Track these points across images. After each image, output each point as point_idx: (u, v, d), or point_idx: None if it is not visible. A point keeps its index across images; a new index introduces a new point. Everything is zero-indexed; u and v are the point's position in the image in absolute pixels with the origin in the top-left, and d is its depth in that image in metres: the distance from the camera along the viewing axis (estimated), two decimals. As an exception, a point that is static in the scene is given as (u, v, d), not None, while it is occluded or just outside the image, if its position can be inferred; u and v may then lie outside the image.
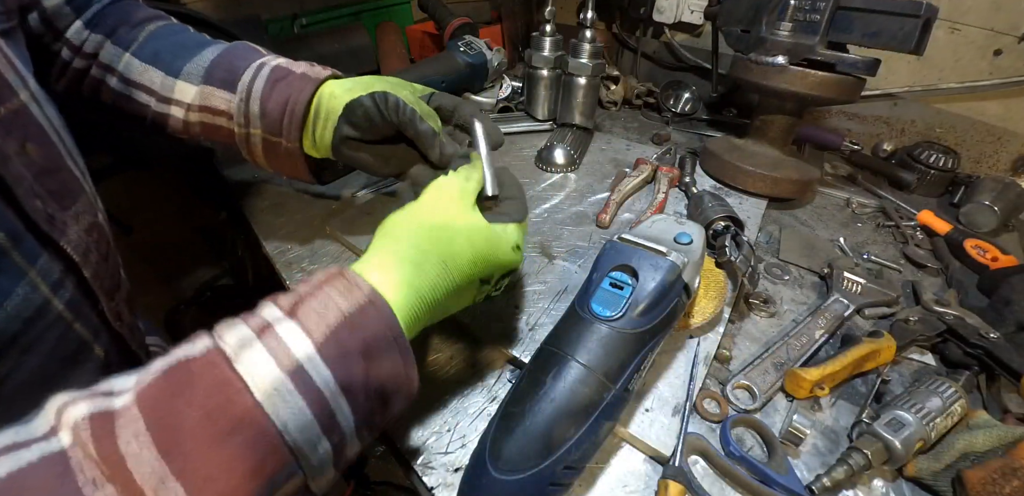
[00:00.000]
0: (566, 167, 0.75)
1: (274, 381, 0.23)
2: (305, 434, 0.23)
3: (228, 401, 0.22)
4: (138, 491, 0.19)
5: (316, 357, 0.24)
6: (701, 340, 0.47)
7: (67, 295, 0.30)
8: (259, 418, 0.22)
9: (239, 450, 0.21)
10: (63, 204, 0.31)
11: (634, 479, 0.38)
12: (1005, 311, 0.52)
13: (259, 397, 0.22)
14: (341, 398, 0.25)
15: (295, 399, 0.23)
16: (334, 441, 0.25)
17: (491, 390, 0.44)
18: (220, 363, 0.23)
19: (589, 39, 0.75)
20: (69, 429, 0.20)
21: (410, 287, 0.30)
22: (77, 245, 0.31)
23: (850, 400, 0.45)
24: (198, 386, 0.22)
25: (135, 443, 0.20)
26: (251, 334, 0.24)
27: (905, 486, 0.39)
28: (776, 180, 0.69)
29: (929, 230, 0.70)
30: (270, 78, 0.43)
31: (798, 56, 0.64)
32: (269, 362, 0.23)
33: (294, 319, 0.25)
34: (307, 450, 0.24)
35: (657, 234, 0.42)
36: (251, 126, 0.44)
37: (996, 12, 0.72)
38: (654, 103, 1.02)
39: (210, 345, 0.24)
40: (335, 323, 0.25)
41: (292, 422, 0.23)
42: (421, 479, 0.37)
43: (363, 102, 0.42)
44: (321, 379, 0.24)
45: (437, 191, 0.35)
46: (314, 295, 0.27)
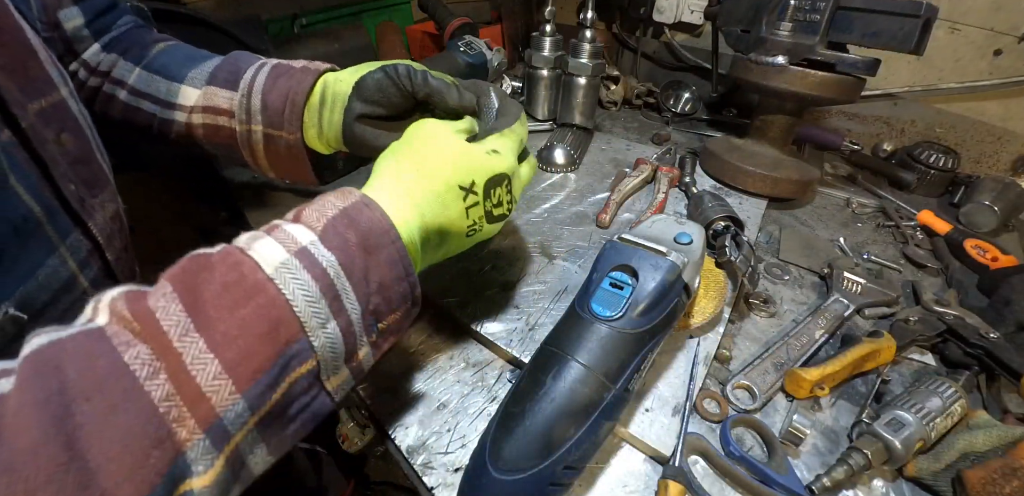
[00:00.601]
0: (566, 167, 0.75)
1: (282, 260, 0.25)
2: (312, 308, 0.25)
3: (242, 275, 0.24)
4: (166, 342, 0.22)
5: (318, 242, 0.27)
6: (701, 340, 0.47)
7: (91, 274, 0.33)
8: (270, 288, 0.24)
9: (253, 313, 0.24)
10: (92, 192, 0.34)
11: (634, 479, 0.38)
12: (1005, 311, 0.52)
13: (269, 271, 0.25)
14: (344, 281, 0.27)
15: (302, 274, 0.25)
16: (342, 325, 0.27)
17: (491, 390, 0.44)
18: (234, 251, 0.26)
19: (589, 39, 0.75)
20: (105, 308, 0.23)
21: (391, 192, 0.32)
22: (103, 229, 0.33)
23: (850, 400, 0.45)
24: (216, 268, 0.25)
25: (163, 300, 0.23)
26: (260, 233, 0.27)
27: (905, 486, 0.39)
28: (776, 180, 0.69)
29: (929, 230, 0.70)
30: (271, 74, 0.44)
31: (798, 56, 0.64)
32: (277, 247, 0.26)
33: (298, 222, 0.28)
34: (315, 327, 0.25)
35: (657, 234, 0.42)
36: (252, 122, 0.45)
37: (996, 12, 0.72)
38: (654, 103, 1.02)
39: (223, 245, 0.27)
40: (332, 216, 0.28)
41: (300, 294, 0.25)
42: (421, 479, 0.37)
43: (374, 75, 0.43)
44: (324, 259, 0.26)
45: (418, 125, 0.36)
46: (313, 203, 0.29)
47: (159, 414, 0.20)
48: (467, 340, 0.49)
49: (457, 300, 0.50)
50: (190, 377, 0.21)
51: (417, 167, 0.33)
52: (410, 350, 0.47)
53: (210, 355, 0.22)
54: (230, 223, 0.93)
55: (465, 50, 0.88)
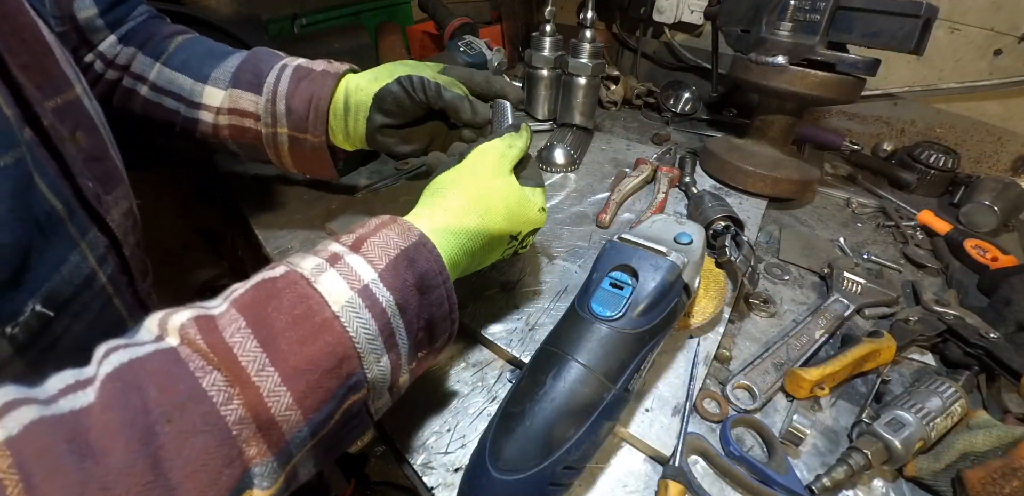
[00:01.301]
0: (566, 167, 0.75)
1: (348, 297, 0.27)
2: (371, 344, 0.27)
3: (310, 310, 0.26)
4: (244, 375, 0.23)
5: (379, 281, 0.28)
6: (701, 340, 0.47)
7: (109, 270, 0.33)
8: (337, 326, 0.26)
9: (322, 351, 0.25)
10: (106, 189, 0.34)
11: (634, 479, 0.38)
12: (1005, 311, 0.52)
13: (336, 309, 0.26)
14: (399, 319, 0.29)
15: (364, 313, 0.27)
16: (392, 359, 0.29)
17: (491, 390, 0.44)
18: (300, 281, 0.27)
19: (589, 39, 0.75)
20: (175, 332, 0.24)
21: (452, 235, 0.34)
22: (119, 225, 0.34)
23: (850, 400, 0.45)
24: (284, 298, 0.26)
25: (239, 335, 0.24)
26: (323, 262, 0.28)
27: (905, 486, 0.39)
28: (776, 180, 0.69)
29: (929, 230, 0.70)
30: (293, 77, 0.46)
31: (798, 56, 0.64)
32: (342, 283, 0.27)
33: (358, 253, 0.29)
34: (371, 361, 0.27)
35: (657, 234, 0.42)
36: (278, 125, 0.47)
37: (996, 12, 0.72)
38: (654, 103, 1.02)
39: (288, 268, 0.28)
40: (394, 256, 0.29)
41: (362, 332, 0.27)
42: (421, 479, 0.37)
43: (391, 89, 0.45)
44: (384, 299, 0.28)
45: (480, 155, 0.38)
46: (375, 234, 0.31)
47: (232, 436, 0.22)
48: (467, 340, 0.49)
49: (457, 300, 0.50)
50: (266, 407, 0.23)
51: (481, 213, 0.35)
52: (410, 350, 0.47)
53: (283, 388, 0.23)
54: (230, 223, 0.93)
55: (465, 50, 0.88)
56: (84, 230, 0.31)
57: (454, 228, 0.34)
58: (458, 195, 0.36)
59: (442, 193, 0.36)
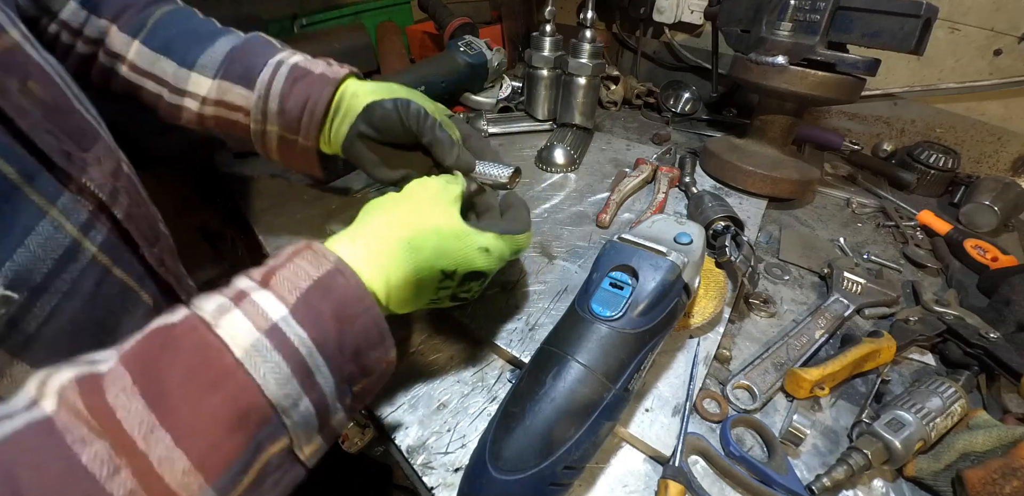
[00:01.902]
0: (566, 167, 0.75)
1: (252, 340, 0.24)
2: (284, 389, 0.24)
3: (209, 359, 0.23)
4: (128, 441, 0.20)
5: (289, 317, 0.25)
6: (701, 340, 0.47)
7: (100, 237, 0.29)
8: (239, 374, 0.23)
9: (222, 403, 0.22)
10: (81, 145, 0.30)
11: (634, 479, 0.38)
12: (1005, 311, 0.52)
13: (238, 355, 0.23)
14: (317, 356, 0.26)
15: (272, 356, 0.24)
16: (315, 399, 0.26)
17: (491, 390, 0.44)
18: (199, 327, 0.24)
19: (589, 39, 0.75)
20: (54, 394, 0.21)
21: (370, 256, 0.31)
22: (102, 185, 0.30)
23: (850, 400, 0.45)
24: (180, 348, 0.23)
25: (123, 396, 0.21)
26: (227, 302, 0.25)
27: (905, 486, 0.39)
28: (776, 180, 0.69)
29: (929, 230, 0.70)
30: (289, 77, 0.43)
31: (798, 56, 0.64)
32: (246, 323, 0.24)
33: (267, 288, 0.26)
34: (287, 406, 0.24)
35: (657, 234, 0.42)
36: (268, 123, 0.44)
37: (996, 12, 0.72)
38: (654, 103, 1.02)
39: (188, 313, 0.25)
40: (305, 288, 0.27)
41: (271, 377, 0.24)
42: (421, 479, 0.37)
43: (384, 105, 0.42)
44: (296, 337, 0.25)
45: (420, 185, 0.37)
46: (285, 266, 0.28)
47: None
48: (467, 340, 0.49)
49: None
50: (158, 476, 0.20)
51: (409, 237, 0.32)
52: (410, 350, 0.47)
53: (178, 452, 0.21)
54: (230, 223, 0.93)
55: (465, 50, 0.88)
56: (53, 194, 0.26)
57: (376, 251, 0.31)
58: (385, 215, 0.34)
59: (371, 214, 0.34)
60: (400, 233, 0.33)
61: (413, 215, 0.34)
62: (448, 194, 0.37)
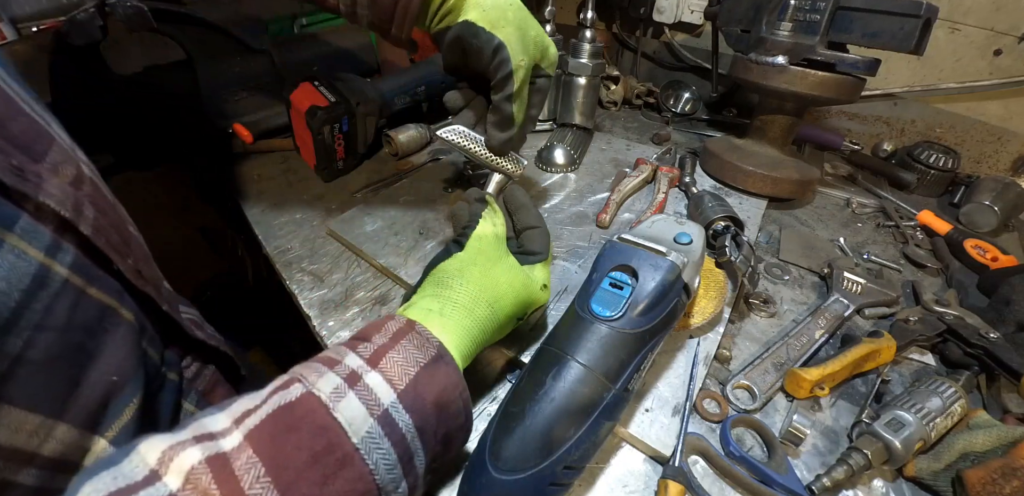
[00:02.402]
0: (566, 167, 0.75)
1: (368, 427, 0.26)
2: (391, 475, 0.26)
3: (331, 444, 0.24)
4: None
5: (398, 403, 0.27)
6: (701, 340, 0.47)
7: (68, 258, 0.26)
8: (357, 461, 0.25)
9: (343, 489, 0.24)
10: (33, 155, 0.26)
11: (634, 479, 0.38)
12: (1005, 311, 0.52)
13: (355, 441, 0.25)
14: (417, 441, 0.27)
15: (384, 443, 0.26)
16: (410, 483, 0.27)
17: (491, 390, 0.44)
18: (319, 409, 0.25)
19: (589, 39, 0.75)
20: (180, 474, 0.21)
21: (465, 331, 0.34)
22: (62, 200, 0.26)
23: (850, 400, 0.45)
24: (303, 430, 0.24)
25: (258, 485, 0.22)
26: (342, 382, 0.27)
27: (905, 486, 0.39)
28: (776, 180, 0.69)
29: (929, 230, 0.70)
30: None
31: (798, 56, 0.64)
32: (361, 409, 0.26)
33: (376, 370, 0.28)
34: (391, 490, 0.26)
35: (657, 234, 0.42)
36: (358, 6, 0.43)
37: (996, 12, 0.72)
38: (654, 103, 1.02)
39: (304, 391, 0.26)
40: (414, 374, 0.29)
41: (382, 463, 0.25)
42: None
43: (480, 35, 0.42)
44: (403, 424, 0.27)
45: (478, 241, 0.39)
46: (393, 347, 0.30)
47: None
48: (467, 340, 0.49)
49: None
50: None
51: (491, 303, 0.36)
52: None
53: None
54: (230, 223, 0.93)
55: (465, 50, 0.88)
56: (9, 220, 0.23)
57: (468, 325, 0.34)
58: (466, 287, 0.36)
59: (448, 284, 0.36)
60: (483, 300, 0.36)
61: (487, 278, 0.37)
62: (501, 242, 0.40)
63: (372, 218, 0.62)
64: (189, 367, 0.37)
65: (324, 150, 0.67)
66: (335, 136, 0.67)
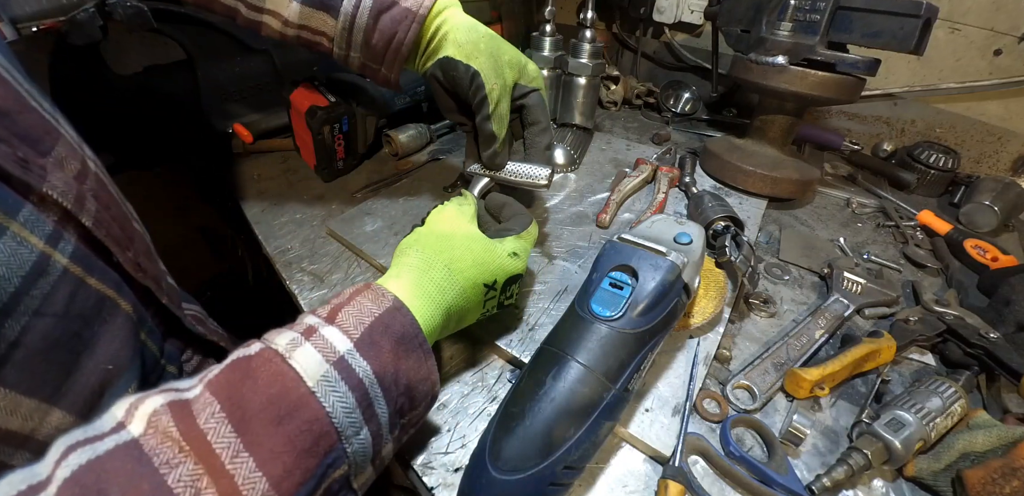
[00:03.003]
0: (566, 167, 0.75)
1: (323, 371, 0.26)
2: (349, 418, 0.26)
3: (286, 388, 0.25)
4: (217, 463, 0.22)
5: (355, 351, 0.28)
6: (701, 340, 0.47)
7: (69, 248, 0.27)
8: (312, 403, 0.25)
9: (298, 430, 0.24)
10: (39, 149, 0.28)
11: (634, 479, 0.38)
12: (1005, 311, 0.52)
13: (311, 384, 0.26)
14: (377, 388, 0.28)
15: (340, 386, 0.26)
16: (372, 430, 0.28)
17: (491, 390, 0.44)
18: (275, 358, 0.26)
19: (589, 39, 0.75)
20: (144, 418, 0.22)
21: (421, 289, 0.34)
22: (65, 192, 0.27)
23: (850, 400, 0.45)
24: (259, 377, 0.25)
25: (213, 420, 0.23)
26: (298, 336, 0.28)
27: (905, 486, 0.39)
28: (776, 180, 0.69)
29: (929, 230, 0.70)
30: (374, 9, 0.44)
31: (798, 56, 0.64)
32: (316, 356, 0.27)
33: (333, 324, 0.29)
34: (351, 435, 0.27)
35: (657, 234, 0.42)
36: (351, 50, 0.46)
37: (996, 12, 0.72)
38: (654, 103, 1.02)
39: (263, 346, 0.27)
40: (369, 323, 0.29)
41: (339, 406, 0.26)
42: (421, 479, 0.37)
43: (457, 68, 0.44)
44: (360, 369, 0.28)
45: (437, 213, 0.41)
46: (348, 303, 0.31)
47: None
48: (467, 340, 0.49)
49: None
50: None
51: (447, 262, 0.36)
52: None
53: (259, 474, 0.23)
54: (230, 223, 0.93)
55: (465, 50, 0.88)
56: (12, 208, 0.24)
57: (423, 284, 0.35)
58: (420, 251, 0.37)
59: (405, 253, 0.37)
60: (438, 261, 0.36)
61: (442, 242, 0.37)
62: (463, 216, 0.40)
63: (372, 218, 0.62)
64: (190, 361, 0.37)
65: (324, 150, 0.67)
66: (335, 136, 0.67)
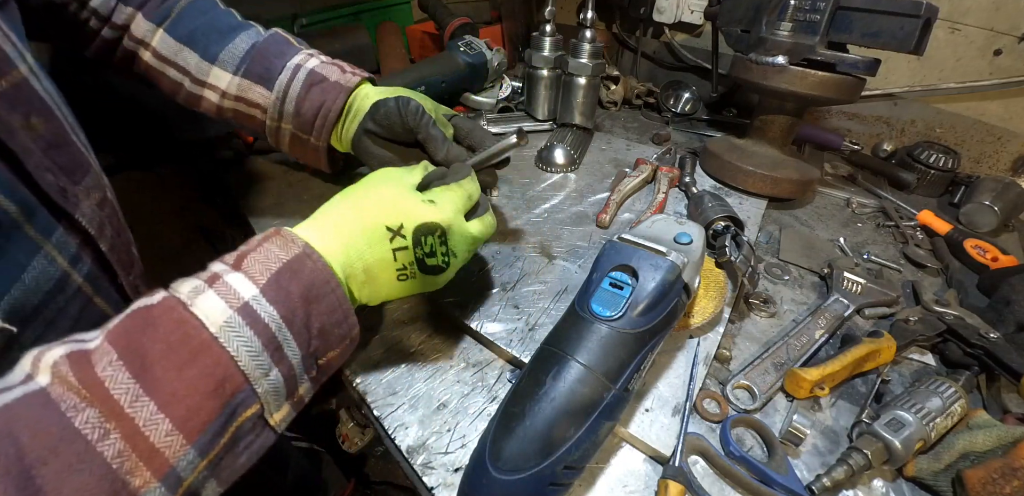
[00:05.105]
0: (566, 167, 0.75)
1: (226, 317, 0.26)
2: (256, 361, 0.26)
3: (186, 335, 0.25)
4: (116, 408, 0.23)
5: (260, 297, 0.27)
6: (701, 340, 0.47)
7: (85, 269, 0.31)
8: (214, 348, 0.25)
9: (200, 374, 0.25)
10: (73, 179, 0.31)
11: (634, 479, 0.38)
12: (1005, 311, 0.52)
13: (213, 330, 0.26)
14: (286, 332, 0.28)
15: (245, 331, 0.26)
16: (284, 371, 0.28)
17: (491, 390, 0.44)
18: (176, 306, 0.26)
19: (589, 39, 0.75)
20: (47, 369, 0.23)
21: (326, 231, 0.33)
22: (91, 219, 0.31)
23: (850, 400, 0.45)
24: (159, 325, 0.25)
25: (110, 368, 0.23)
26: (202, 284, 0.27)
27: (905, 486, 0.39)
28: (776, 180, 0.69)
29: (929, 230, 0.70)
30: (306, 82, 0.47)
31: (798, 56, 0.64)
32: (219, 303, 0.26)
33: (239, 270, 0.28)
34: (259, 376, 0.27)
35: (657, 234, 0.42)
36: (283, 122, 0.49)
37: (996, 12, 0.72)
38: (654, 103, 1.02)
39: (166, 295, 0.27)
40: (275, 269, 0.29)
41: (244, 350, 0.26)
42: (421, 479, 0.37)
43: (388, 103, 0.47)
44: (267, 314, 0.27)
45: (381, 171, 0.39)
46: (256, 250, 0.30)
47: (112, 470, 0.22)
48: (467, 340, 0.49)
49: (457, 300, 0.50)
50: (143, 437, 0.23)
51: (352, 206, 0.35)
52: (410, 350, 0.47)
53: (161, 415, 0.23)
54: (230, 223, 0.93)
55: (465, 50, 0.88)
56: (48, 230, 0.28)
57: (327, 226, 0.33)
58: (342, 200, 0.36)
59: (330, 202, 0.36)
60: (349, 207, 0.35)
61: (362, 193, 0.36)
62: (404, 178, 0.38)
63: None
64: None
65: (324, 150, 0.67)
66: (335, 136, 0.67)
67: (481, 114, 0.88)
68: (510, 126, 0.86)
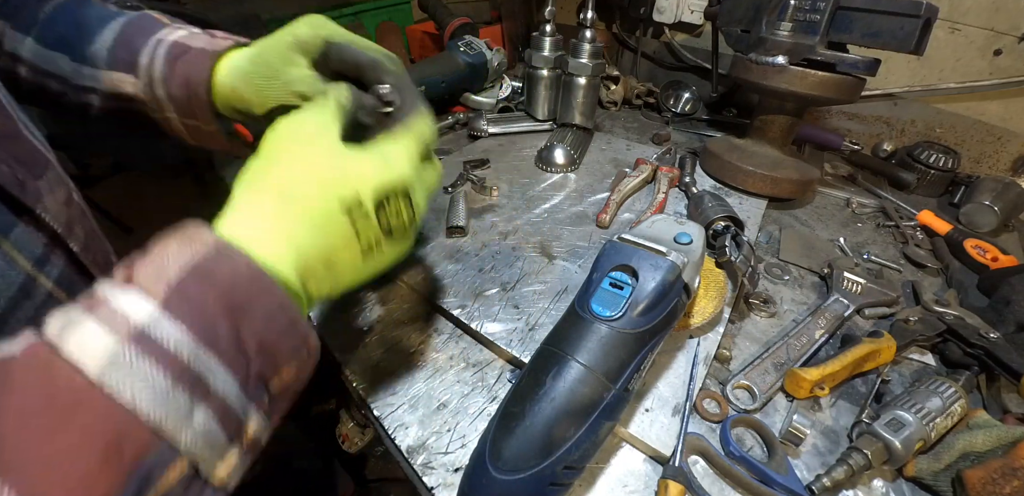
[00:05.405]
0: (566, 167, 0.75)
1: (110, 353, 0.19)
2: (165, 405, 0.20)
3: (55, 389, 0.19)
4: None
5: (160, 317, 0.21)
6: (701, 340, 0.47)
7: (55, 272, 0.27)
8: (95, 399, 0.19)
9: (79, 440, 0.18)
10: (33, 172, 0.27)
11: (634, 479, 0.38)
12: (1005, 311, 0.52)
13: (93, 375, 0.19)
14: (208, 357, 0.21)
15: (140, 366, 0.20)
16: (214, 409, 0.21)
17: (491, 390, 0.44)
18: (40, 353, 0.19)
19: (589, 39, 0.75)
20: None
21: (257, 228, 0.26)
22: (57, 215, 0.27)
23: (850, 400, 0.45)
24: (16, 382, 0.19)
25: None
26: (79, 312, 0.21)
27: (905, 486, 0.39)
28: (776, 180, 0.69)
29: (929, 230, 0.70)
30: (167, 58, 0.38)
31: (798, 56, 0.64)
32: (101, 334, 0.20)
33: (130, 285, 0.21)
34: (175, 425, 0.20)
35: (657, 234, 0.42)
36: (166, 110, 0.40)
37: (996, 12, 0.72)
38: (654, 103, 1.02)
39: (31, 339, 0.20)
40: (176, 278, 0.22)
41: (143, 394, 0.19)
42: (421, 479, 0.37)
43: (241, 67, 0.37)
44: (171, 339, 0.20)
45: (270, 131, 0.29)
46: (148, 255, 0.23)
47: None
48: (467, 340, 0.49)
49: (457, 300, 0.50)
50: None
51: (278, 190, 0.27)
52: (410, 350, 0.47)
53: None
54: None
55: (465, 50, 0.88)
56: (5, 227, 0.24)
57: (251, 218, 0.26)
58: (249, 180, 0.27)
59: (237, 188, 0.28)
60: (273, 190, 0.27)
61: (280, 166, 0.27)
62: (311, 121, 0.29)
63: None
64: None
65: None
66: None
67: (481, 114, 0.88)
68: (510, 126, 0.86)
